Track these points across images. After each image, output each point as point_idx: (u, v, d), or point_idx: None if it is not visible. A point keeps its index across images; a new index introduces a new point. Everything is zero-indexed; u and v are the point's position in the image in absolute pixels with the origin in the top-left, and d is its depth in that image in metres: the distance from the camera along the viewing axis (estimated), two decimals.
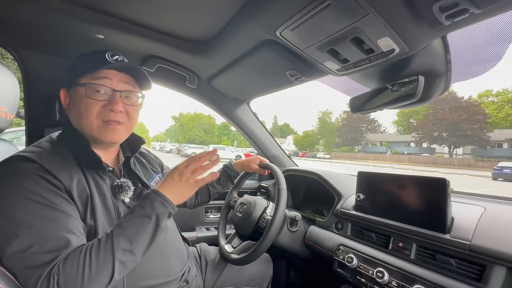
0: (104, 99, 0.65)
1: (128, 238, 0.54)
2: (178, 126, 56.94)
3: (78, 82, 0.65)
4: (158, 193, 0.61)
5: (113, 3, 0.76)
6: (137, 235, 0.55)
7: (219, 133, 57.14)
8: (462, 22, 0.56)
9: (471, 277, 0.67)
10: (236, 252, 1.03)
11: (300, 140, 52.12)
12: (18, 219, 0.50)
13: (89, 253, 0.51)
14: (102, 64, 0.65)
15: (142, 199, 0.61)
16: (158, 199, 0.60)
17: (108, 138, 0.67)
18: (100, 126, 0.65)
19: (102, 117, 0.65)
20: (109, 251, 0.52)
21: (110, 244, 0.53)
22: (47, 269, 0.48)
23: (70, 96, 0.67)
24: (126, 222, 0.56)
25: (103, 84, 0.64)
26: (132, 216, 0.58)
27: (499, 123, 32.84)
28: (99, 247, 0.53)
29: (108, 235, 0.55)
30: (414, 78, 0.78)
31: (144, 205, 0.59)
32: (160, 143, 40.86)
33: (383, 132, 47.24)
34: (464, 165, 25.85)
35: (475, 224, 0.74)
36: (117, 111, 0.66)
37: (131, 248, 0.54)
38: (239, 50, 0.94)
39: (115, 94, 0.66)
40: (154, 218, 0.58)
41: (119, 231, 0.55)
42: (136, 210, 0.58)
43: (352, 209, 1.04)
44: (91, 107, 0.63)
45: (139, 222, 0.57)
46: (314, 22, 0.65)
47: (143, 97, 0.74)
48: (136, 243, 0.55)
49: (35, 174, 0.54)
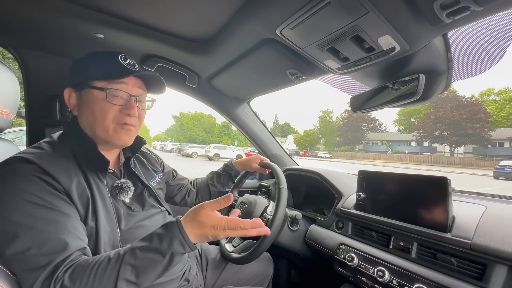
0: (121, 104, 0.66)
1: (136, 270, 0.52)
2: (178, 126, 56.98)
3: (92, 85, 0.64)
4: (181, 230, 0.55)
5: (113, 2, 0.76)
6: (145, 269, 0.53)
7: (219, 133, 57.16)
8: (463, 20, 0.56)
9: (472, 276, 0.67)
10: (237, 251, 1.03)
11: (301, 139, 52.10)
12: (16, 220, 0.50)
13: (94, 272, 0.50)
14: (123, 71, 0.66)
15: (164, 227, 0.57)
16: (178, 238, 0.55)
17: (122, 141, 0.68)
18: (116, 129, 0.66)
19: (118, 120, 0.66)
20: (113, 279, 0.51)
21: (116, 271, 0.51)
22: (44, 272, 0.49)
23: (81, 97, 0.67)
24: (141, 251, 0.53)
25: (121, 89, 0.66)
26: (147, 247, 0.54)
27: (501, 122, 32.72)
28: (106, 270, 0.51)
29: (118, 258, 0.53)
30: (415, 76, 0.78)
31: (163, 238, 0.55)
32: (161, 143, 40.96)
33: (384, 131, 47.17)
34: (466, 164, 25.80)
35: (476, 223, 0.73)
36: (134, 115, 0.68)
37: (136, 281, 0.52)
38: (239, 49, 0.94)
39: (131, 99, 0.67)
40: (168, 256, 0.54)
41: (130, 260, 0.52)
42: (153, 240, 0.55)
43: (353, 208, 1.03)
44: (109, 111, 0.65)
45: (152, 257, 0.53)
46: (314, 20, 0.64)
47: (153, 101, 0.77)
48: (143, 277, 0.53)
49: (34, 176, 0.54)
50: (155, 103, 0.78)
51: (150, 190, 0.81)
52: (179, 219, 0.58)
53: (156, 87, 0.76)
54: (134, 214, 0.72)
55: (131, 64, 0.70)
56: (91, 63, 0.67)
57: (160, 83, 0.74)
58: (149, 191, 0.81)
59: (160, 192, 0.88)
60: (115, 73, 0.65)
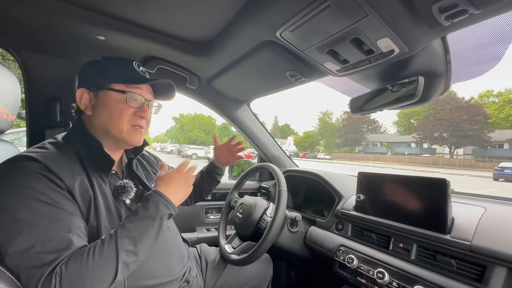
0: (136, 107, 0.70)
1: (133, 240, 0.56)
2: (178, 127, 56.99)
3: (111, 87, 0.67)
4: (161, 195, 0.63)
5: (114, 4, 0.76)
6: (141, 236, 0.57)
7: (219, 134, 57.18)
8: (461, 22, 0.57)
9: (471, 278, 0.67)
10: (236, 252, 1.03)
11: (300, 141, 52.08)
12: (21, 217, 0.50)
13: (92, 253, 0.52)
14: (141, 78, 0.72)
15: (145, 200, 0.63)
16: (162, 201, 0.62)
17: (134, 141, 0.72)
18: (130, 130, 0.70)
19: (131, 122, 0.70)
20: (113, 252, 0.53)
21: (114, 244, 0.54)
22: (49, 269, 0.49)
23: (96, 97, 0.68)
24: (130, 223, 0.58)
25: (139, 93, 0.70)
26: (136, 218, 0.59)
27: (500, 124, 32.75)
28: (103, 247, 0.53)
29: (111, 235, 0.55)
30: (414, 78, 0.79)
31: (148, 206, 0.61)
32: (160, 144, 40.90)
33: (383, 133, 47.17)
34: (465, 166, 25.79)
35: (475, 224, 0.74)
36: (147, 118, 0.74)
37: (135, 250, 0.55)
38: (239, 51, 0.94)
39: (145, 103, 0.72)
40: (158, 220, 0.60)
41: (123, 232, 0.56)
42: (140, 212, 0.60)
43: (353, 210, 1.04)
44: (125, 112, 0.68)
45: (144, 223, 0.58)
46: (314, 23, 0.65)
47: (160, 106, 0.81)
48: (140, 244, 0.56)
49: (38, 173, 0.55)
50: (156, 106, 0.81)
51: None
52: (155, 189, 0.66)
53: (166, 93, 0.80)
54: None
55: (143, 71, 0.75)
56: (109, 66, 0.70)
57: (171, 89, 0.79)
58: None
59: None
60: (135, 79, 0.71)
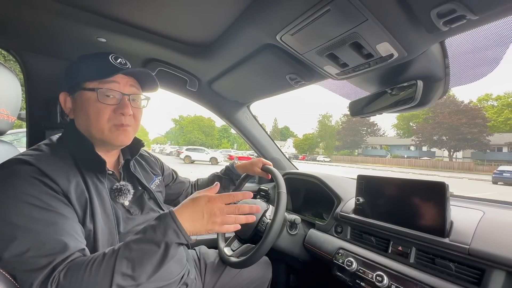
0: (114, 103, 0.66)
1: (132, 263, 0.52)
2: (178, 129, 56.98)
3: (84, 87, 0.65)
4: (174, 219, 0.56)
5: (115, 7, 0.77)
6: (141, 261, 0.52)
7: (219, 136, 57.14)
8: (459, 28, 0.57)
9: (470, 281, 0.67)
10: (235, 255, 1.03)
11: (300, 143, 52.11)
12: (15, 222, 0.50)
13: (90, 268, 0.50)
14: (112, 70, 0.65)
15: (157, 218, 0.57)
16: (172, 227, 0.55)
17: (119, 141, 0.68)
18: (112, 130, 0.66)
19: (113, 121, 0.66)
20: (109, 272, 0.50)
21: (112, 265, 0.51)
22: (44, 272, 0.48)
23: (75, 100, 0.67)
24: (135, 244, 0.53)
25: (113, 88, 0.65)
26: (141, 238, 0.54)
27: (499, 127, 32.87)
28: (101, 264, 0.51)
29: (113, 253, 0.53)
30: (413, 82, 0.79)
31: (156, 228, 0.55)
32: (160, 146, 40.92)
33: (383, 136, 47.29)
34: (464, 169, 25.84)
35: (474, 228, 0.74)
36: (128, 115, 0.67)
37: (133, 274, 0.51)
38: (239, 54, 0.95)
39: (124, 98, 0.67)
40: (163, 246, 0.53)
41: (125, 252, 0.52)
42: (148, 231, 0.55)
43: (352, 213, 1.04)
44: (102, 112, 0.64)
45: (147, 248, 0.53)
46: (314, 27, 0.66)
47: (148, 99, 0.75)
48: (139, 269, 0.52)
49: (32, 177, 0.54)
50: (155, 104, 0.82)
51: (150, 193, 0.81)
52: (172, 209, 0.58)
53: (148, 84, 0.74)
54: (132, 218, 0.72)
55: (122, 63, 0.69)
56: (82, 65, 0.67)
57: (151, 80, 0.73)
58: (149, 194, 0.81)
59: (159, 195, 0.88)
60: (105, 72, 0.65)
